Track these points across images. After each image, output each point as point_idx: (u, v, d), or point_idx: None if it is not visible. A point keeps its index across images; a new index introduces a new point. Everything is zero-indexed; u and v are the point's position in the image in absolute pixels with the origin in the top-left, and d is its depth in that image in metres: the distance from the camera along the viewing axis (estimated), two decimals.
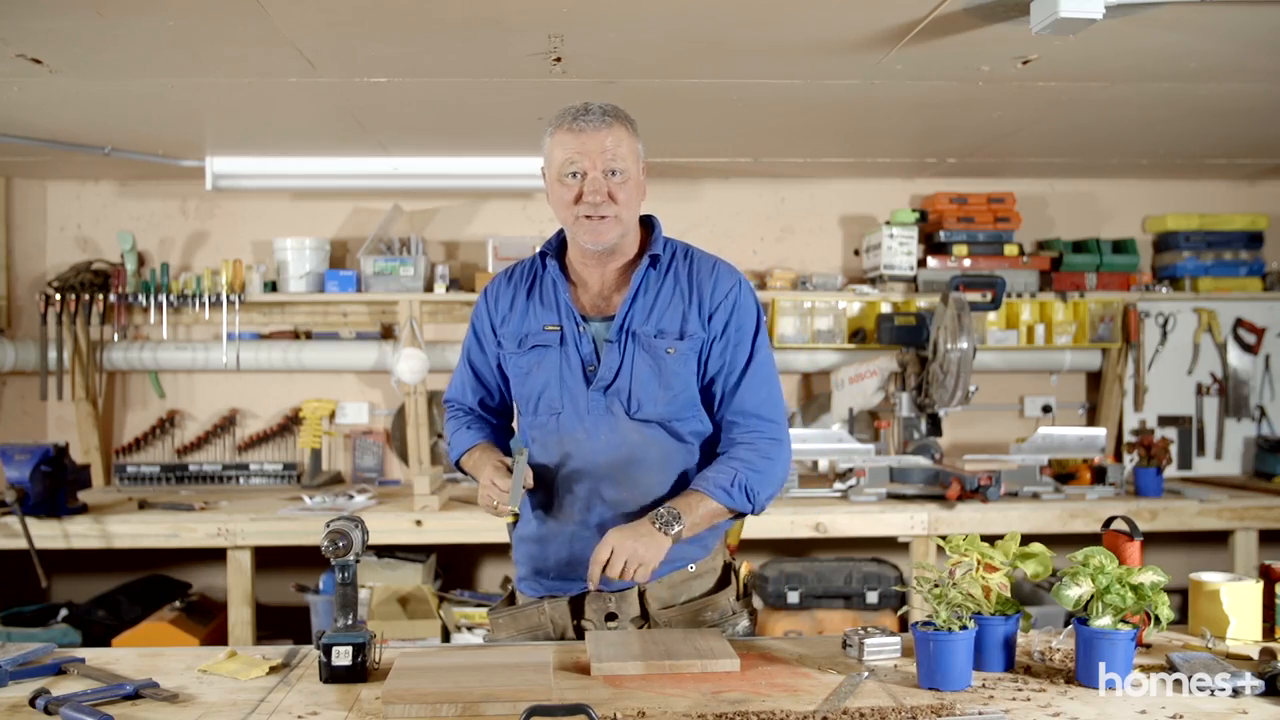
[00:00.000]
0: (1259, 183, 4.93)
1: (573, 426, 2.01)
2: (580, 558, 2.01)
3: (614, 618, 2.04)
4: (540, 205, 4.73)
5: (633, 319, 2.01)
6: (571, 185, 1.95)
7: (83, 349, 4.45)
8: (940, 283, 4.48)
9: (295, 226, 4.64)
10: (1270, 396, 4.79)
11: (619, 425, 2.00)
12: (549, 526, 2.06)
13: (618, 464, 2.00)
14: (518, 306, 2.09)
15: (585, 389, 2.01)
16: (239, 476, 4.52)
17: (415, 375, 4.37)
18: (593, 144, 1.93)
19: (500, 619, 2.13)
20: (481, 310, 2.14)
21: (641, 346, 2.00)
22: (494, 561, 4.64)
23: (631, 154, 1.97)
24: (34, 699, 1.62)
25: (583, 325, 2.03)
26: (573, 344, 2.02)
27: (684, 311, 2.02)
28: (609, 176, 1.94)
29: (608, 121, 1.95)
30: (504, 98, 3.41)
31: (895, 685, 1.71)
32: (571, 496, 2.03)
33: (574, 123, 1.94)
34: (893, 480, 4.02)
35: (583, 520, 2.03)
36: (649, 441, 2.01)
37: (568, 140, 1.95)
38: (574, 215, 1.97)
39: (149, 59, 2.98)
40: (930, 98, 3.42)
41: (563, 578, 2.07)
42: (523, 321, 2.07)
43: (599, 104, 1.98)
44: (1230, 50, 2.93)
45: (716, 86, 3.27)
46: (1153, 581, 1.71)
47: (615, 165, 1.94)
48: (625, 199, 1.96)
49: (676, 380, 2.01)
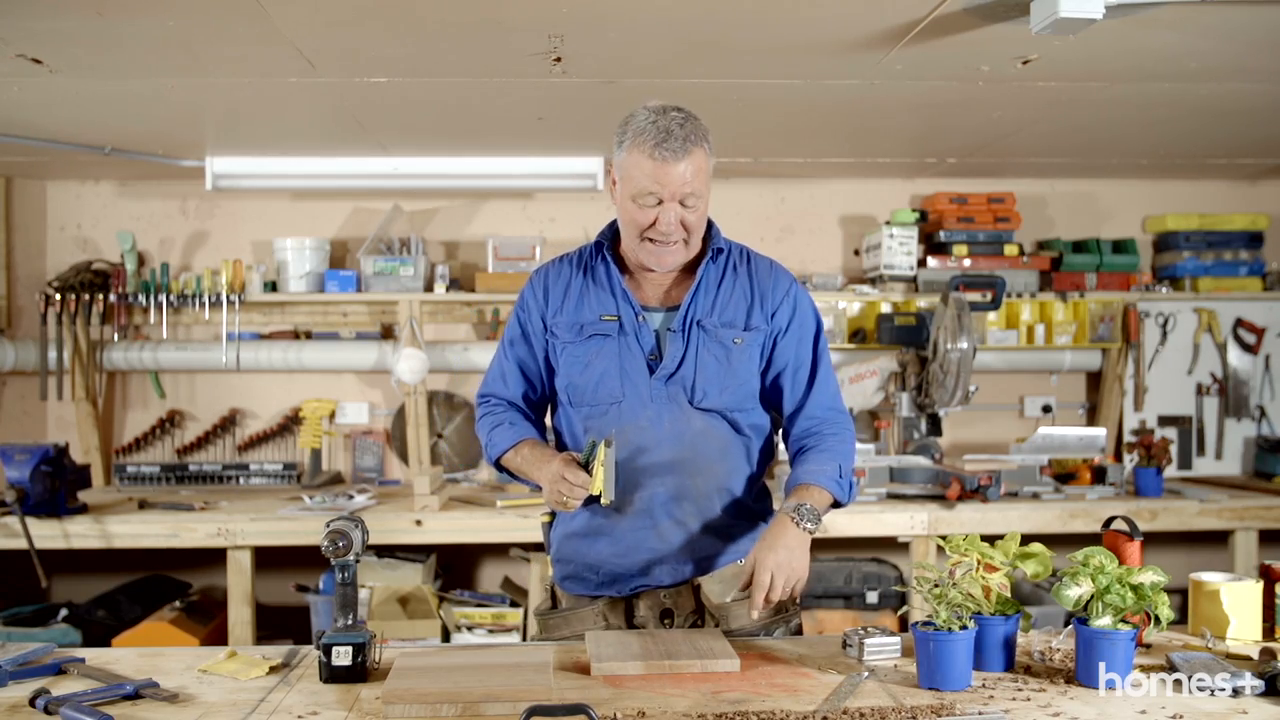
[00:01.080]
0: (1259, 183, 4.93)
1: (635, 415, 2.00)
2: (638, 548, 2.01)
3: (670, 614, 2.04)
4: (540, 205, 4.74)
5: (696, 309, 2.02)
6: (647, 211, 1.94)
7: (83, 349, 4.45)
8: (940, 283, 4.48)
9: (295, 226, 4.64)
10: (1270, 396, 4.78)
11: (682, 414, 2.00)
12: (602, 519, 2.03)
13: (680, 453, 2.00)
14: (571, 296, 2.07)
15: (648, 378, 2.00)
16: (239, 476, 4.52)
17: (415, 375, 4.37)
18: (674, 176, 1.90)
19: (552, 621, 2.11)
20: (529, 302, 2.11)
21: (709, 336, 2.01)
22: (494, 561, 4.64)
23: (706, 176, 1.96)
24: (34, 699, 1.62)
25: (643, 315, 2.03)
26: (633, 333, 2.02)
27: (747, 306, 2.04)
28: (683, 205, 1.94)
29: (688, 149, 1.90)
30: (504, 98, 3.41)
31: (895, 685, 1.71)
32: (633, 484, 2.00)
33: (656, 150, 1.89)
34: (893, 480, 4.02)
35: (644, 509, 2.01)
36: (710, 431, 2.02)
37: (648, 167, 1.90)
38: (641, 237, 1.96)
39: (149, 59, 2.98)
40: (930, 98, 3.42)
41: (614, 572, 2.04)
42: (577, 311, 2.06)
43: (679, 121, 1.92)
44: (1230, 50, 2.93)
45: (716, 86, 3.27)
46: (1153, 581, 1.71)
47: (691, 196, 1.93)
48: (694, 224, 1.96)
49: (742, 370, 2.02)
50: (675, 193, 1.92)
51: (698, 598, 2.04)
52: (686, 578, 2.04)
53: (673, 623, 2.04)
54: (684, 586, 2.04)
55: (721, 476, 2.04)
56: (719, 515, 2.04)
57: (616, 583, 2.05)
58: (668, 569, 2.03)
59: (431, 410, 4.61)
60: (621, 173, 1.98)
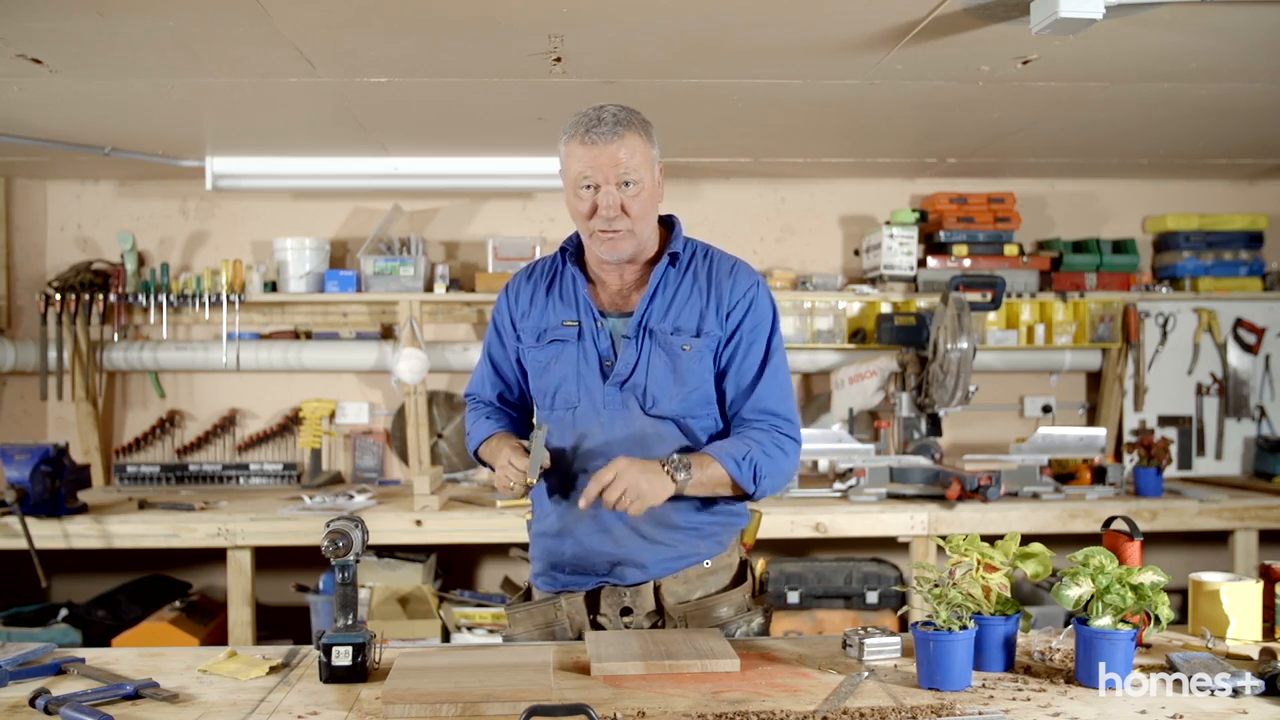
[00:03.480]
0: (1259, 183, 4.93)
1: (588, 421, 2.02)
2: (596, 550, 2.03)
3: (629, 612, 2.04)
4: (540, 205, 4.74)
5: (651, 316, 2.03)
6: (585, 198, 1.96)
7: (83, 349, 4.45)
8: (940, 283, 4.48)
9: (295, 226, 4.64)
10: (1270, 396, 4.78)
11: (634, 420, 2.01)
12: (565, 520, 2.06)
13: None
14: (538, 302, 2.11)
15: (602, 384, 2.02)
16: (239, 476, 4.52)
17: (415, 375, 4.37)
18: (605, 157, 1.92)
19: (517, 613, 2.14)
20: (503, 305, 2.17)
21: (658, 343, 2.01)
22: (494, 561, 4.64)
23: (645, 162, 1.96)
24: (34, 699, 1.62)
25: (601, 321, 2.04)
26: (590, 339, 2.04)
27: (701, 310, 2.04)
28: (622, 189, 1.94)
29: (619, 132, 1.93)
30: (504, 98, 3.41)
31: (895, 685, 1.71)
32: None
33: (586, 135, 1.93)
34: (893, 480, 4.02)
35: (596, 513, 2.01)
36: (663, 437, 2.02)
37: (580, 153, 1.94)
38: (590, 229, 1.98)
39: (149, 59, 2.98)
40: (930, 98, 3.42)
41: (577, 572, 2.07)
42: (542, 316, 2.09)
43: (612, 110, 1.96)
44: (1230, 50, 2.93)
45: (716, 86, 3.27)
46: (1153, 581, 1.71)
47: (628, 177, 1.94)
48: (639, 211, 1.96)
49: (692, 377, 2.02)
50: (609, 175, 1.93)
51: (658, 598, 2.05)
52: (646, 579, 2.04)
53: (633, 621, 2.04)
54: (644, 586, 2.04)
55: None
56: (673, 519, 2.03)
57: (579, 581, 2.08)
58: (628, 570, 2.04)
59: (431, 410, 4.61)
60: (562, 169, 2.01)
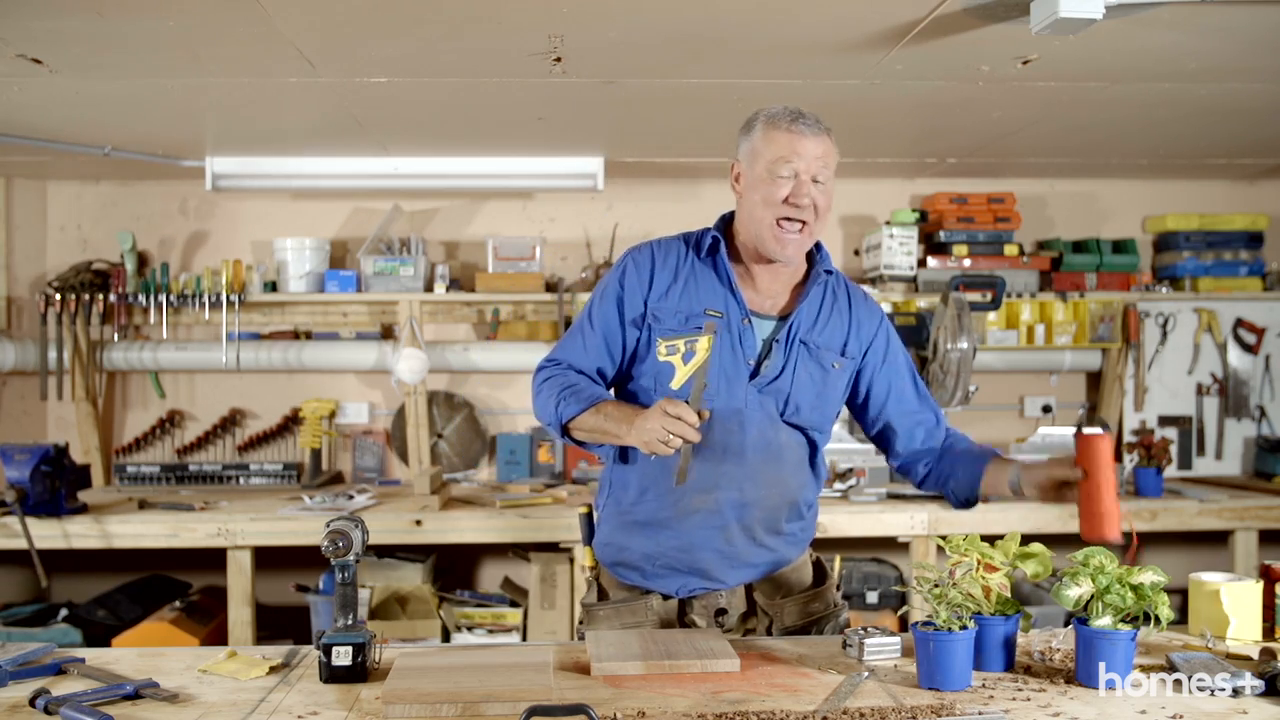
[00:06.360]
0: (1259, 183, 4.93)
1: (725, 417, 1.97)
2: (702, 545, 2.01)
3: (724, 613, 2.05)
4: (540, 205, 4.74)
5: (801, 325, 2.03)
6: (783, 183, 1.94)
7: (83, 349, 4.45)
8: (940, 283, 4.48)
9: (295, 226, 4.64)
10: (1270, 396, 4.78)
11: (770, 424, 2.00)
12: (670, 512, 2.01)
13: (765, 461, 2.00)
14: (680, 282, 2.02)
15: (747, 382, 1.99)
16: (239, 476, 4.52)
17: (415, 375, 4.37)
18: (809, 148, 1.94)
19: (601, 613, 2.09)
20: (633, 280, 2.03)
21: (809, 354, 2.02)
22: (494, 561, 4.64)
23: (833, 169, 1.99)
24: (34, 699, 1.62)
25: (749, 319, 2.01)
26: (737, 335, 2.00)
27: (845, 333, 2.06)
28: (814, 184, 1.95)
29: (821, 130, 1.97)
30: (504, 98, 3.41)
31: (895, 685, 1.71)
32: (709, 483, 1.99)
33: (792, 124, 1.95)
34: (893, 480, 4.02)
35: (715, 509, 2.00)
36: (791, 445, 2.03)
37: (783, 139, 1.94)
38: (774, 216, 1.95)
39: (149, 59, 2.98)
40: (930, 98, 3.42)
41: (672, 565, 2.03)
42: (683, 298, 2.01)
43: (811, 112, 1.98)
44: (1230, 50, 2.93)
45: (716, 86, 3.27)
46: (1153, 581, 1.71)
47: (822, 174, 1.96)
48: (822, 209, 1.98)
49: (833, 393, 2.05)
50: (810, 165, 1.94)
51: (749, 598, 2.06)
52: (743, 581, 2.06)
53: (726, 621, 2.05)
54: (738, 588, 2.06)
55: (793, 490, 2.05)
56: (782, 526, 2.06)
57: (672, 577, 2.04)
58: (727, 571, 2.03)
59: (431, 410, 4.61)
60: (753, 153, 1.98)
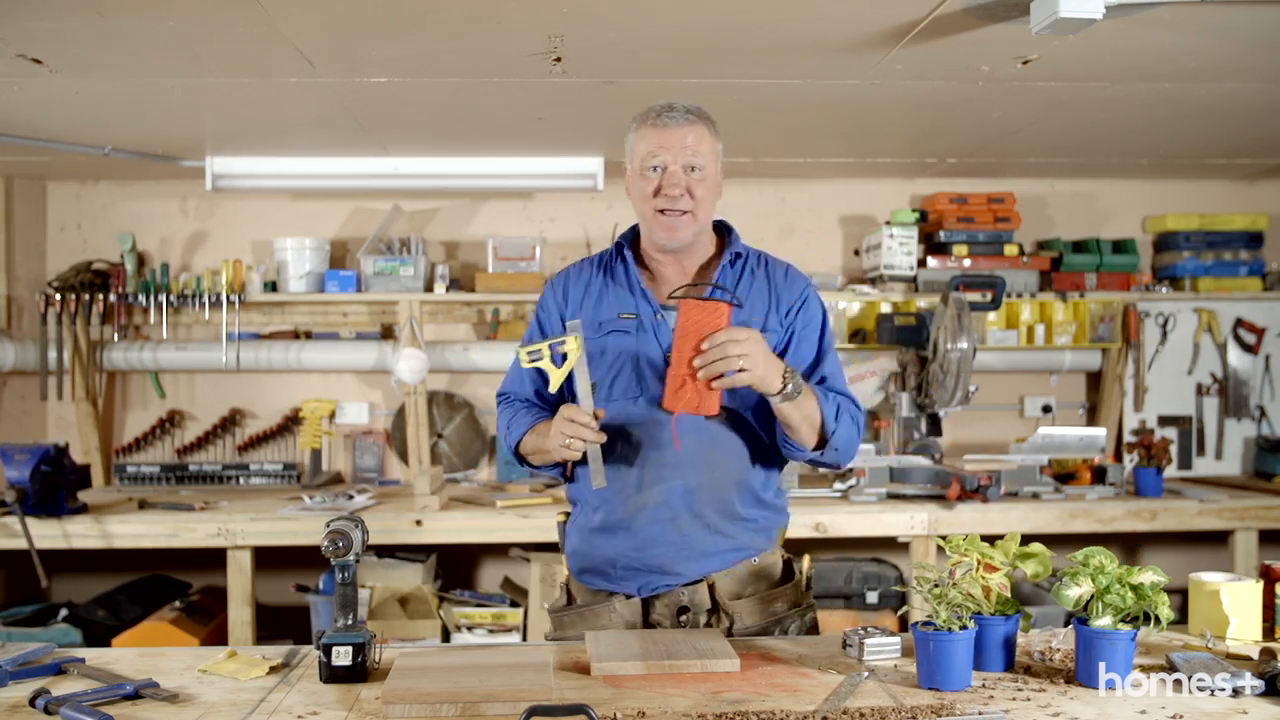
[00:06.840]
0: (1259, 183, 4.93)
1: (653, 412, 2.00)
2: (657, 541, 2.02)
3: (685, 611, 2.04)
4: (540, 205, 4.74)
5: None
6: (651, 178, 2.01)
7: (83, 349, 4.45)
8: (940, 283, 4.48)
9: (295, 226, 4.64)
10: (1270, 396, 4.78)
11: None
12: (622, 513, 2.04)
13: (701, 447, 2.01)
14: (591, 295, 2.10)
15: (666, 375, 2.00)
16: (239, 476, 4.52)
17: (415, 375, 4.37)
18: (674, 139, 1.99)
19: (566, 618, 2.12)
20: (549, 302, 2.15)
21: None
22: (494, 561, 4.64)
23: (711, 153, 2.03)
24: (34, 699, 1.62)
25: (661, 313, 2.04)
26: (651, 331, 2.04)
27: (766, 310, 2.07)
28: (688, 172, 1.99)
29: (690, 119, 2.01)
30: (504, 98, 3.41)
31: (895, 685, 1.71)
32: (653, 478, 2.01)
33: (658, 119, 2.01)
34: (893, 480, 4.02)
35: (664, 503, 2.02)
36: (730, 428, 2.03)
37: (650, 135, 2.01)
38: (652, 209, 2.01)
39: (149, 59, 2.98)
40: (930, 98, 3.42)
41: (631, 568, 2.05)
42: (597, 309, 2.08)
43: (683, 103, 2.04)
44: (1230, 50, 2.93)
45: (716, 87, 3.27)
46: (1153, 581, 1.71)
47: (695, 161, 2.00)
48: (702, 195, 2.01)
49: None
50: (678, 156, 1.99)
51: (713, 595, 2.06)
52: (704, 574, 2.05)
53: (689, 620, 2.04)
54: (700, 584, 2.05)
55: (739, 471, 2.05)
56: (737, 510, 2.06)
57: (634, 578, 2.06)
58: (686, 564, 2.03)
59: (431, 410, 4.61)
60: (631, 152, 2.06)
